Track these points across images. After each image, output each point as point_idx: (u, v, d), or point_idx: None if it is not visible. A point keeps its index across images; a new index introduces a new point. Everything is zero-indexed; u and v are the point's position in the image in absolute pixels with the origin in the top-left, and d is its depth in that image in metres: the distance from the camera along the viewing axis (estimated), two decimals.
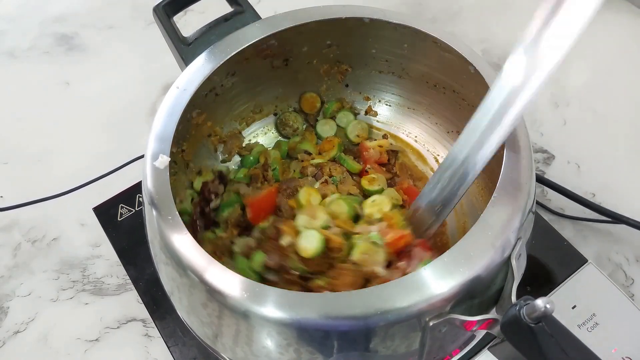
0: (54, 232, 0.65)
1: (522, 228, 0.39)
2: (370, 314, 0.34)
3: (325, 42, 0.55)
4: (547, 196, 0.64)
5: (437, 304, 0.35)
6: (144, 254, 0.58)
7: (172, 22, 0.53)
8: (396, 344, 0.38)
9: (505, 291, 0.38)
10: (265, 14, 0.52)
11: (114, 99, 0.77)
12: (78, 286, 0.61)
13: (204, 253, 0.37)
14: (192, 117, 0.51)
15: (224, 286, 0.36)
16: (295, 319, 0.35)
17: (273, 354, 0.39)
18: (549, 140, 0.69)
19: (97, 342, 0.58)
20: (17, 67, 0.82)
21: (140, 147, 0.48)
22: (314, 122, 0.62)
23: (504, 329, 0.35)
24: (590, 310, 0.53)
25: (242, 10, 0.52)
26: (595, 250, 0.60)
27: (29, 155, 0.72)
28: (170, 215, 0.39)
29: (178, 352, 0.54)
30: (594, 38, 0.77)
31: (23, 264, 0.63)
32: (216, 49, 0.49)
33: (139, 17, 0.86)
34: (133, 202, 0.64)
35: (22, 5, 0.90)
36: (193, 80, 0.47)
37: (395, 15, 0.50)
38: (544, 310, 0.31)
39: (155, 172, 0.41)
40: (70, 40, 0.84)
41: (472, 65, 0.46)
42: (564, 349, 0.32)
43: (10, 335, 0.59)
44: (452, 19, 0.82)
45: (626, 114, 0.70)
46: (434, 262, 0.36)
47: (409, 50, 0.53)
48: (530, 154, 0.42)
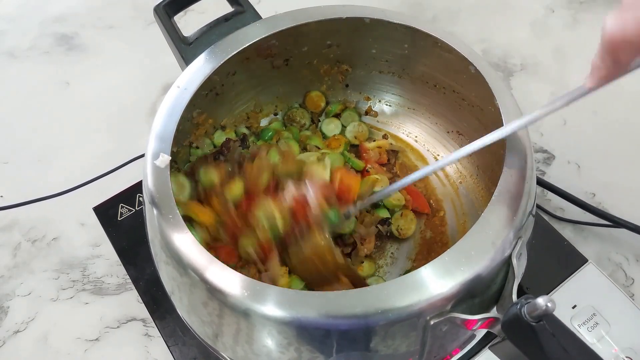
0: (54, 232, 0.65)
1: (522, 227, 0.39)
2: (370, 313, 0.34)
3: (325, 42, 0.55)
4: (546, 196, 0.64)
5: (438, 303, 0.35)
6: (144, 254, 0.58)
7: (172, 22, 0.53)
8: (397, 343, 0.38)
9: (506, 290, 0.39)
10: (265, 14, 0.52)
11: (114, 99, 0.77)
12: (78, 286, 0.61)
13: (204, 252, 0.37)
14: (193, 117, 0.51)
15: (224, 285, 0.36)
16: (296, 318, 0.35)
17: (273, 353, 0.39)
18: (549, 140, 0.69)
19: (97, 342, 0.58)
20: (17, 67, 0.82)
21: (140, 147, 0.48)
22: (316, 121, 0.62)
23: (505, 327, 0.35)
24: (591, 310, 0.53)
25: (242, 10, 0.53)
26: (595, 250, 0.60)
27: (29, 155, 0.72)
28: (170, 214, 0.39)
29: (178, 352, 0.54)
30: (594, 38, 0.77)
31: (23, 264, 0.63)
32: (217, 48, 0.49)
33: (139, 17, 0.86)
34: (133, 201, 0.64)
35: (22, 5, 0.90)
36: (194, 80, 0.47)
37: (396, 15, 0.50)
38: (545, 309, 0.31)
39: (156, 171, 0.41)
40: (70, 40, 0.84)
41: (472, 65, 0.47)
42: (565, 347, 0.32)
43: (10, 335, 0.59)
44: (452, 19, 0.82)
45: (626, 114, 0.70)
46: (434, 261, 0.36)
47: (409, 51, 0.53)
48: (530, 154, 0.42)
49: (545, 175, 0.66)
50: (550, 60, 0.76)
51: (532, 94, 0.73)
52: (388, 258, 0.56)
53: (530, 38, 0.79)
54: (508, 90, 0.45)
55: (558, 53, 0.76)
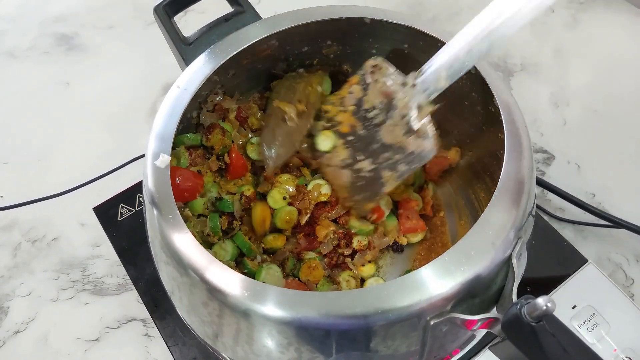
0: (54, 232, 0.65)
1: (522, 228, 0.39)
2: (370, 313, 0.34)
3: (325, 42, 0.55)
4: (546, 197, 0.64)
5: (438, 303, 0.35)
6: (144, 254, 0.58)
7: (172, 22, 0.53)
8: (397, 343, 0.38)
9: (506, 290, 0.38)
10: (265, 14, 0.52)
11: (114, 99, 0.77)
12: (78, 286, 0.61)
13: (204, 252, 0.37)
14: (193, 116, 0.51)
15: (224, 285, 0.36)
16: (296, 318, 0.35)
17: (274, 353, 0.39)
18: (549, 140, 0.69)
19: (97, 342, 0.58)
20: (17, 67, 0.82)
21: (140, 147, 0.48)
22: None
23: (505, 327, 0.35)
24: (591, 310, 0.53)
25: (242, 11, 0.53)
26: (595, 251, 0.60)
27: (29, 155, 0.72)
28: (171, 214, 0.39)
29: (178, 352, 0.54)
30: (594, 38, 0.77)
31: (23, 264, 0.63)
32: (217, 48, 0.49)
33: (139, 17, 0.86)
34: (133, 201, 0.64)
35: (22, 5, 0.90)
36: (194, 80, 0.47)
37: (396, 15, 0.50)
38: (545, 309, 0.31)
39: (156, 172, 0.41)
40: (70, 40, 0.84)
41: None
42: (565, 347, 0.32)
43: (10, 335, 0.59)
44: (452, 19, 0.82)
45: (626, 114, 0.70)
46: (434, 261, 0.36)
47: (409, 50, 0.53)
48: (530, 154, 0.42)
49: (545, 176, 0.66)
50: (550, 60, 0.76)
51: (532, 94, 0.73)
52: (388, 258, 0.56)
53: (530, 38, 0.79)
54: (508, 90, 0.45)
55: (558, 53, 0.76)
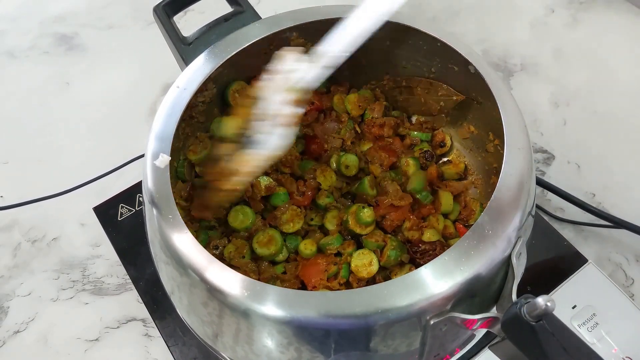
0: (54, 232, 0.65)
1: (522, 227, 0.39)
2: (370, 313, 0.34)
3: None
4: (546, 197, 0.64)
5: (438, 303, 0.35)
6: (144, 254, 0.58)
7: (172, 22, 0.53)
8: (397, 342, 0.38)
9: (506, 290, 0.39)
10: (265, 14, 0.52)
11: (114, 99, 0.77)
12: (78, 286, 0.61)
13: (204, 252, 0.37)
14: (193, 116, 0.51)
15: (224, 285, 0.36)
16: (296, 318, 0.35)
17: (273, 353, 0.39)
18: (549, 140, 0.69)
19: (97, 342, 0.58)
20: (17, 67, 0.82)
21: (140, 147, 0.48)
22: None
23: (505, 327, 0.35)
24: (591, 310, 0.53)
25: (242, 10, 0.53)
26: (595, 250, 0.60)
27: (29, 155, 0.72)
28: (170, 214, 0.39)
29: (178, 352, 0.54)
30: (594, 38, 0.77)
31: (23, 264, 0.63)
32: (216, 48, 0.49)
33: (139, 17, 0.86)
34: (133, 201, 0.64)
35: (22, 5, 0.90)
36: (193, 80, 0.47)
37: (396, 15, 0.50)
38: (545, 309, 0.31)
39: (156, 172, 0.41)
40: (70, 40, 0.84)
41: (472, 65, 0.46)
42: (565, 347, 0.32)
43: (10, 335, 0.59)
44: (452, 19, 0.82)
45: (626, 114, 0.70)
46: (434, 261, 0.36)
47: (409, 50, 0.53)
48: (530, 154, 0.42)
49: (545, 176, 0.66)
50: (550, 60, 0.76)
51: (532, 94, 0.73)
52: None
53: (530, 38, 0.78)
54: (508, 90, 0.45)
55: (558, 53, 0.76)
